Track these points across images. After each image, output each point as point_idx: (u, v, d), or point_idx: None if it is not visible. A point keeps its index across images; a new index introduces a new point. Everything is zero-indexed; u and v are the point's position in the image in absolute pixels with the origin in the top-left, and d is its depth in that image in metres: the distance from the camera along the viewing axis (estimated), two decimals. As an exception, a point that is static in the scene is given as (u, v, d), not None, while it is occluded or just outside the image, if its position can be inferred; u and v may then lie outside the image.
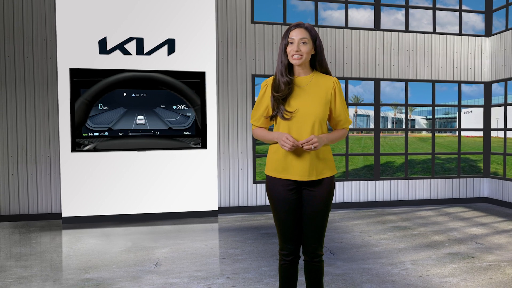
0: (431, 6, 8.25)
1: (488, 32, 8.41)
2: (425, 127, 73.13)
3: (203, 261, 4.55)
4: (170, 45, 6.59)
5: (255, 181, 7.37)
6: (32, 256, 4.77)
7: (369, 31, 7.84)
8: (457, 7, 8.40)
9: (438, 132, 61.47)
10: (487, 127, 8.53)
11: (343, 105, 2.72)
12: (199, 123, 6.70)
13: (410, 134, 56.85)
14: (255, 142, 7.45)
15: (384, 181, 7.94)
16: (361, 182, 7.86)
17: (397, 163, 19.42)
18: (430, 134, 8.53)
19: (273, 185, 2.69)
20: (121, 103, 6.46)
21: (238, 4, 7.21)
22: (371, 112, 72.67)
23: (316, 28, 7.54)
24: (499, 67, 8.05)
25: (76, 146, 6.32)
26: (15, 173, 6.64)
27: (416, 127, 75.74)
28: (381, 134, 41.15)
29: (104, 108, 6.40)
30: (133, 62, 6.49)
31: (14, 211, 6.65)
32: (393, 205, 7.91)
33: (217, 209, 6.91)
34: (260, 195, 7.37)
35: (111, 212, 6.50)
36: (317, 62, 2.70)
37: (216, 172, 6.84)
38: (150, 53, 6.54)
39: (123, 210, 6.54)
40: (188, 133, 6.67)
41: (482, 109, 8.62)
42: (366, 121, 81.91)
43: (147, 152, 6.57)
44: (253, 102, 7.28)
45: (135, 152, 6.54)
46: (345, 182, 7.76)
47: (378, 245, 5.17)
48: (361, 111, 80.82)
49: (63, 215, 6.37)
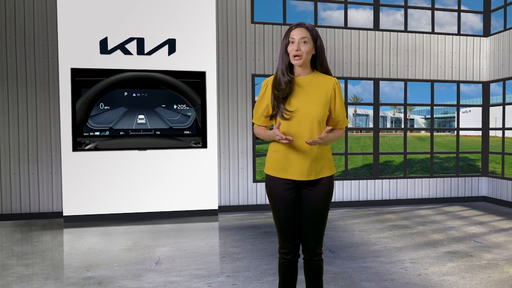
0: (430, 7, 8.26)
1: (487, 32, 8.43)
2: (424, 127, 73.09)
3: (204, 260, 4.56)
4: (171, 45, 6.61)
5: (255, 180, 7.38)
6: (34, 255, 4.78)
7: (368, 31, 7.86)
8: (456, 7, 8.41)
9: (437, 132, 61.48)
10: (486, 127, 8.55)
11: (342, 106, 2.73)
12: (200, 123, 6.72)
13: (409, 134, 56.87)
14: (255, 141, 7.46)
15: (383, 180, 7.95)
16: (360, 181, 7.87)
17: (396, 162, 19.42)
18: (429, 134, 8.53)
19: (273, 184, 2.69)
20: (122, 103, 6.47)
21: (238, 5, 7.23)
22: (370, 112, 72.61)
23: (316, 28, 7.56)
24: (498, 67, 8.07)
25: (77, 146, 6.34)
26: (17, 172, 6.66)
27: (415, 127, 75.68)
28: (380, 134, 40.98)
29: (105, 108, 6.42)
30: (134, 62, 6.50)
31: (16, 210, 6.67)
32: (392, 204, 7.91)
33: (218, 208, 6.93)
34: (260, 194, 7.39)
35: (112, 211, 6.52)
36: (318, 62, 2.71)
37: (216, 171, 6.86)
38: (151, 53, 6.55)
39: (124, 209, 6.56)
40: (189, 133, 6.69)
41: (481, 109, 8.63)
42: (365, 121, 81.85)
43: (148, 152, 6.59)
44: (253, 102, 7.30)
45: (136, 152, 6.55)
46: (345, 181, 7.77)
47: (377, 244, 5.18)
48: (360, 111, 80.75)
49: (64, 214, 6.39)
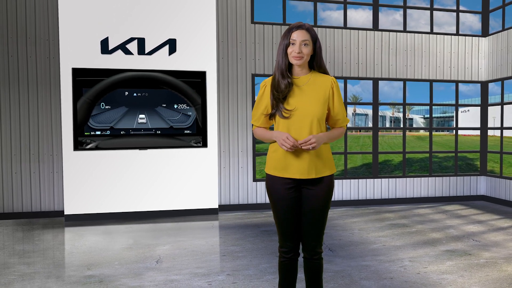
0: (429, 7, 8.29)
1: (485, 32, 8.45)
2: (423, 126, 73.13)
3: (204, 258, 4.57)
4: (171, 45, 6.63)
5: (255, 179, 7.40)
6: (35, 253, 4.79)
7: (368, 31, 7.88)
8: (455, 8, 8.43)
9: (436, 131, 61.49)
10: (484, 126, 8.57)
11: (341, 104, 2.73)
12: (200, 122, 6.74)
13: (408, 133, 56.92)
14: (255, 141, 7.47)
15: (382, 179, 7.97)
16: (360, 180, 7.89)
17: (395, 162, 19.45)
18: (428, 133, 8.56)
19: (273, 184, 2.70)
20: (123, 102, 6.49)
21: (238, 5, 7.25)
22: (370, 111, 72.60)
23: (316, 28, 7.59)
24: (496, 67, 8.09)
25: (79, 145, 6.36)
26: (18, 171, 6.68)
27: (414, 126, 75.66)
28: (380, 133, 40.89)
29: (106, 107, 6.44)
30: (135, 62, 6.52)
31: (17, 209, 6.68)
32: (391, 203, 7.93)
33: (218, 207, 6.96)
34: (260, 193, 7.41)
35: (113, 210, 6.54)
36: (316, 63, 2.72)
37: (217, 170, 6.89)
38: (152, 53, 6.57)
39: (125, 208, 6.58)
40: (189, 132, 6.71)
41: (479, 108, 8.66)
42: (365, 120, 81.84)
43: (149, 151, 6.61)
44: (253, 101, 7.33)
45: (137, 151, 6.57)
46: (344, 180, 7.79)
47: (377, 243, 5.20)
48: (360, 110, 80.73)
49: (66, 213, 6.40)
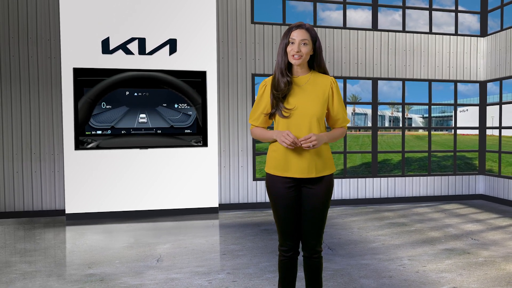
0: (428, 7, 8.32)
1: (484, 32, 8.48)
2: (422, 126, 73.18)
3: (204, 257, 4.59)
4: (172, 45, 6.65)
5: (255, 179, 7.42)
6: (36, 252, 4.81)
7: (367, 31, 7.91)
8: (453, 8, 8.47)
9: (435, 131, 61.57)
10: (483, 125, 8.60)
11: (341, 104, 2.74)
12: (200, 122, 6.77)
13: (407, 132, 57.00)
14: (255, 140, 7.49)
15: (382, 179, 8.00)
16: (359, 180, 7.92)
17: (394, 161, 19.46)
18: (427, 132, 8.59)
19: (273, 183, 2.71)
20: (124, 102, 6.51)
21: (239, 5, 7.27)
22: (369, 111, 72.64)
23: (315, 29, 7.62)
24: (494, 67, 8.12)
25: (80, 144, 6.38)
26: (20, 171, 6.70)
27: (413, 126, 75.76)
28: (379, 132, 40.87)
29: (107, 107, 6.46)
30: (135, 62, 6.54)
31: (19, 208, 6.71)
32: (390, 202, 7.95)
33: (218, 206, 6.98)
34: (260, 192, 7.43)
35: (114, 209, 6.56)
36: (316, 63, 2.73)
37: (217, 170, 6.91)
38: (152, 53, 6.60)
39: (126, 207, 6.60)
40: (189, 131, 6.73)
41: (478, 108, 8.68)
42: (364, 120, 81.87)
43: (149, 150, 6.64)
44: (253, 101, 7.35)
45: (137, 150, 6.60)
46: (343, 179, 7.82)
47: (376, 241, 5.22)
48: (359, 110, 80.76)
49: (67, 212, 6.42)
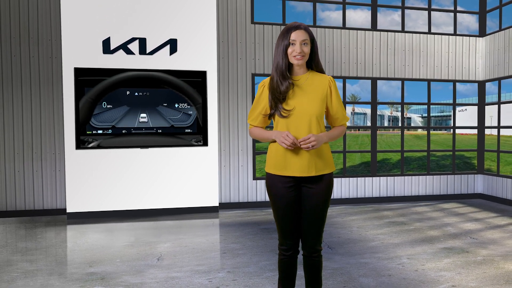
0: (427, 7, 8.35)
1: (482, 32, 8.51)
2: (421, 125, 73.29)
3: (204, 256, 4.61)
4: (172, 45, 6.67)
5: (255, 178, 7.45)
6: (38, 251, 4.82)
7: (366, 31, 7.94)
8: (452, 8, 8.48)
9: (434, 130, 61.63)
10: (481, 125, 8.63)
11: (340, 103, 2.75)
12: (201, 121, 6.79)
13: (406, 132, 57.01)
14: (255, 140, 7.52)
15: (381, 178, 8.02)
16: (358, 179, 7.94)
17: (394, 160, 19.47)
18: (426, 132, 8.60)
19: (273, 182, 2.71)
20: (124, 102, 6.54)
21: (239, 5, 7.29)
22: (368, 111, 72.65)
23: (315, 29, 7.64)
24: (493, 67, 8.15)
25: (81, 144, 6.40)
26: (21, 170, 6.72)
27: (412, 125, 75.78)
28: (378, 132, 40.82)
29: (108, 107, 6.49)
30: (136, 62, 6.57)
31: (20, 207, 6.73)
32: (390, 201, 7.97)
33: (218, 205, 7.01)
34: (260, 191, 7.45)
35: (115, 208, 6.59)
36: (314, 62, 2.73)
37: (217, 169, 6.93)
38: (153, 53, 6.62)
39: (126, 206, 6.62)
40: (190, 131, 6.76)
41: (476, 107, 8.71)
42: (363, 119, 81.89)
43: (150, 149, 6.66)
44: (253, 101, 7.37)
45: (138, 150, 6.62)
46: (343, 179, 7.84)
47: (375, 240, 5.24)
48: (358, 110, 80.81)
49: (68, 211, 6.45)
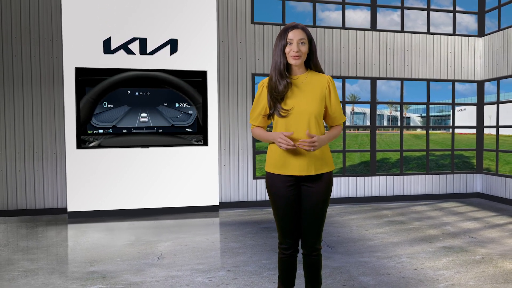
0: (426, 7, 8.37)
1: (481, 33, 8.54)
2: (420, 125, 73.33)
3: (205, 255, 4.62)
4: (173, 45, 6.69)
5: (255, 177, 7.47)
6: (39, 250, 4.84)
7: (366, 32, 7.96)
8: (451, 8, 8.50)
9: (433, 130, 61.67)
10: (480, 125, 8.66)
11: (338, 102, 2.77)
12: (201, 121, 6.82)
13: (405, 132, 57.06)
14: (255, 139, 7.54)
15: (380, 177, 8.04)
16: (358, 178, 7.96)
17: (393, 160, 19.49)
18: (425, 131, 8.63)
19: (273, 181, 2.73)
20: (125, 101, 6.55)
21: (239, 5, 7.31)
22: (368, 110, 72.69)
23: (314, 29, 7.67)
24: (492, 67, 8.17)
25: (81, 143, 6.42)
26: (22, 169, 6.73)
27: (411, 125, 75.80)
28: (377, 132, 40.78)
29: (109, 106, 6.51)
30: (137, 62, 6.58)
31: (21, 206, 6.74)
32: (389, 200, 7.99)
33: (218, 204, 7.02)
34: (260, 191, 7.47)
35: (115, 207, 6.61)
36: (312, 62, 2.75)
37: (217, 168, 6.95)
38: (153, 53, 6.64)
39: (127, 205, 6.64)
40: (190, 130, 6.78)
41: (475, 107, 8.73)
42: (363, 119, 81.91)
43: (150, 149, 6.68)
44: (253, 100, 7.39)
45: (139, 149, 6.64)
46: (342, 178, 7.86)
47: (374, 239, 5.25)
48: (358, 109, 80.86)
49: (69, 210, 6.46)
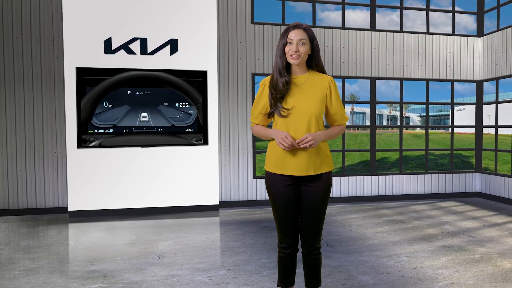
0: (425, 7, 8.38)
1: (480, 33, 8.56)
2: (419, 124, 73.38)
3: (205, 254, 4.64)
4: (173, 45, 6.71)
5: (255, 176, 7.49)
6: (40, 249, 4.86)
7: (365, 32, 7.98)
8: (450, 8, 8.53)
9: (432, 129, 61.63)
10: (479, 124, 8.68)
11: (339, 102, 2.78)
12: (201, 120, 6.84)
13: (405, 131, 57.04)
14: (255, 139, 7.54)
15: (380, 176, 8.06)
16: (357, 177, 7.98)
17: (392, 159, 19.51)
18: (424, 131, 8.65)
19: (272, 181, 2.75)
20: (126, 101, 6.57)
21: (239, 5, 7.33)
22: (367, 110, 72.56)
23: (314, 29, 7.68)
24: (491, 66, 8.19)
25: (82, 143, 6.44)
26: (23, 169, 6.75)
27: (411, 124, 75.85)
28: (377, 131, 40.83)
29: (109, 106, 6.53)
30: (137, 62, 6.60)
31: (22, 205, 6.76)
32: (388, 200, 8.01)
33: (218, 204, 7.04)
34: (260, 190, 7.49)
35: (116, 206, 6.62)
36: (314, 62, 2.76)
37: (217, 168, 6.97)
38: (154, 53, 6.66)
39: (128, 204, 6.66)
40: (190, 130, 6.80)
41: (474, 107, 8.75)
42: (362, 119, 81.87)
43: (151, 148, 6.69)
44: (253, 100, 7.40)
45: (139, 148, 6.66)
46: (342, 177, 7.88)
47: (374, 238, 5.27)
48: (357, 109, 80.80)
49: (70, 209, 6.48)
